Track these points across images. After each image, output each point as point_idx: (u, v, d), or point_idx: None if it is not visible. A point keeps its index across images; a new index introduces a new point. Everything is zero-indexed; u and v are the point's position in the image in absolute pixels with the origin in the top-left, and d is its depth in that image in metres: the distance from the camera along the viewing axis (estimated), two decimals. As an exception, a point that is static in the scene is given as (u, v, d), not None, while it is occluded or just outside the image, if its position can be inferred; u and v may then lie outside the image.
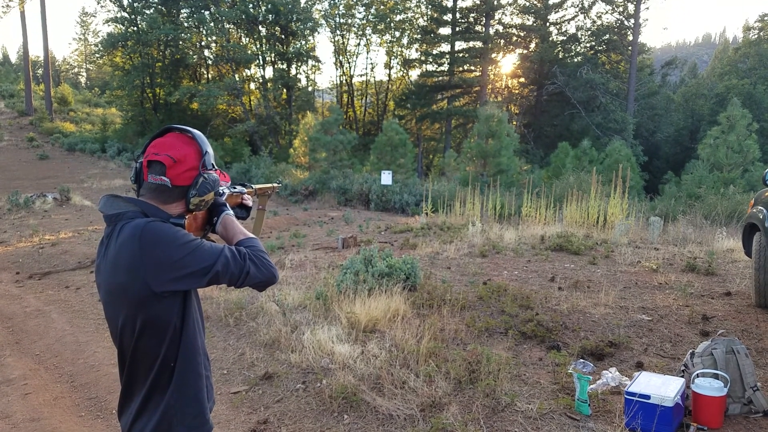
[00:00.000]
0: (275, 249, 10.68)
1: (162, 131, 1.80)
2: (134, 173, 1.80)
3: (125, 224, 1.67)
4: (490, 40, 38.54)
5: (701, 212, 13.79)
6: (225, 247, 1.75)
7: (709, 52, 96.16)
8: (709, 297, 6.48)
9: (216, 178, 1.82)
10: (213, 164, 1.83)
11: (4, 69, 71.32)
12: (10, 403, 4.41)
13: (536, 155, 34.62)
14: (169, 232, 1.65)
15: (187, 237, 1.67)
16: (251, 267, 1.74)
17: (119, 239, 1.66)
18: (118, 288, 1.67)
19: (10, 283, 8.64)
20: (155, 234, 1.63)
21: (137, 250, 1.61)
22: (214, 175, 1.82)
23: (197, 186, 1.76)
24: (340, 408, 3.96)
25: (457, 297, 6.26)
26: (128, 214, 1.69)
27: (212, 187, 1.79)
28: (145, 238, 1.61)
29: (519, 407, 3.79)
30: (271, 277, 1.80)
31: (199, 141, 1.80)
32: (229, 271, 1.70)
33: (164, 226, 1.66)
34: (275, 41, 38.94)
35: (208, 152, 1.80)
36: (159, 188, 1.74)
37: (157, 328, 1.69)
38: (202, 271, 1.66)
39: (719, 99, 35.43)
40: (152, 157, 1.72)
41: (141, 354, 1.71)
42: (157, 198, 1.75)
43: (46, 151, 33.14)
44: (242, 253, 1.76)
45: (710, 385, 3.51)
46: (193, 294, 1.79)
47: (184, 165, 1.74)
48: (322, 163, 25.49)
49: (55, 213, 17.08)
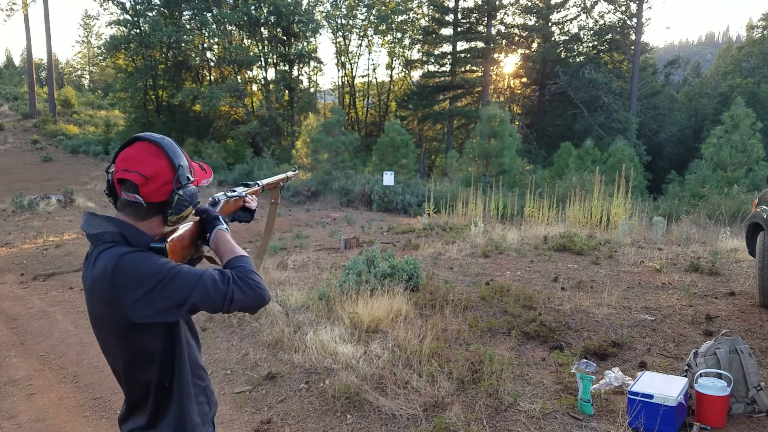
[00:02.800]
0: (278, 250, 10.70)
1: (130, 140, 1.68)
2: (107, 187, 1.72)
3: (100, 252, 1.61)
4: (492, 40, 38.52)
5: (705, 212, 13.76)
6: (206, 272, 1.60)
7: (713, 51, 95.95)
8: (712, 297, 6.47)
9: (193, 191, 1.71)
10: (188, 177, 1.71)
11: (7, 72, 71.51)
12: (15, 404, 4.43)
13: (539, 155, 34.58)
14: (142, 264, 1.56)
15: (162, 268, 1.56)
16: (235, 292, 1.59)
17: (95, 269, 1.60)
18: (99, 316, 1.64)
19: (14, 284, 8.67)
20: (128, 269, 1.55)
21: (110, 287, 1.55)
22: (191, 188, 1.70)
23: (173, 205, 1.66)
24: (343, 408, 3.97)
25: (459, 297, 6.26)
26: (105, 236, 1.63)
27: (190, 202, 1.70)
28: (117, 273, 1.55)
29: (522, 407, 3.79)
30: (259, 300, 1.64)
31: (169, 153, 1.66)
32: (209, 300, 1.57)
33: (137, 258, 1.57)
34: (277, 43, 38.98)
35: (181, 165, 1.68)
36: (133, 206, 1.65)
37: (145, 355, 1.64)
38: (177, 304, 1.56)
39: (723, 98, 35.34)
40: (122, 175, 1.62)
41: (135, 380, 1.69)
42: (133, 215, 1.67)
43: (49, 153, 33.25)
44: (226, 276, 1.61)
45: (713, 384, 3.50)
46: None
47: (157, 182, 1.63)
48: (325, 164, 25.52)
49: (59, 215, 17.13)
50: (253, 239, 12.96)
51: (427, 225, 13.26)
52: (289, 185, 23.79)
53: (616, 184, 12.19)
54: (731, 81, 37.41)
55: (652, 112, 37.40)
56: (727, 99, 32.59)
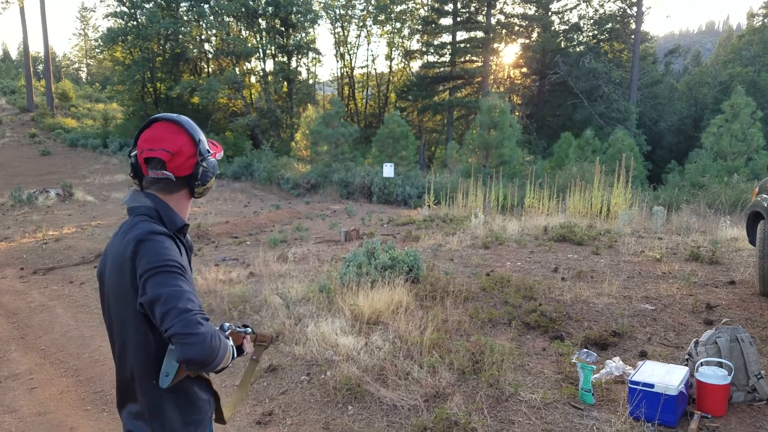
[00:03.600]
0: (278, 242, 10.69)
1: (149, 122, 1.78)
2: (132, 169, 1.81)
3: (135, 223, 1.70)
4: (491, 30, 38.35)
5: (705, 201, 13.74)
6: (185, 295, 1.57)
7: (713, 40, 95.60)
8: (712, 286, 6.47)
9: (214, 163, 1.83)
10: (208, 150, 1.82)
11: (4, 65, 71.31)
12: (16, 398, 4.43)
13: (539, 146, 34.52)
14: (159, 248, 1.62)
15: (165, 256, 1.60)
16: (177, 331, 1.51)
17: (127, 235, 1.68)
18: (116, 283, 1.70)
19: (14, 278, 8.67)
20: (147, 246, 1.62)
21: (133, 252, 1.62)
22: (212, 160, 1.82)
23: (199, 176, 1.78)
24: (345, 399, 3.97)
25: (460, 288, 6.26)
26: (141, 209, 1.73)
27: (213, 173, 1.82)
28: (141, 244, 1.63)
29: (523, 397, 3.80)
30: (187, 356, 1.52)
31: (189, 129, 1.78)
32: (163, 316, 1.53)
33: (158, 243, 1.63)
34: (275, 34, 38.81)
35: (201, 140, 1.79)
36: (162, 182, 1.77)
37: (138, 343, 1.69)
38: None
39: (723, 87, 35.24)
40: (148, 154, 1.72)
41: (128, 367, 1.72)
42: (162, 190, 1.77)
43: (48, 146, 33.19)
44: (193, 322, 1.52)
45: (714, 373, 3.50)
46: None
47: (182, 156, 1.75)
48: (324, 156, 25.48)
49: (58, 209, 17.12)
50: (253, 232, 12.95)
51: (427, 216, 13.25)
52: (288, 178, 23.78)
53: (616, 174, 12.17)
54: (731, 70, 37.30)
55: (652, 101, 37.31)
56: (728, 88, 32.50)
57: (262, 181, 25.33)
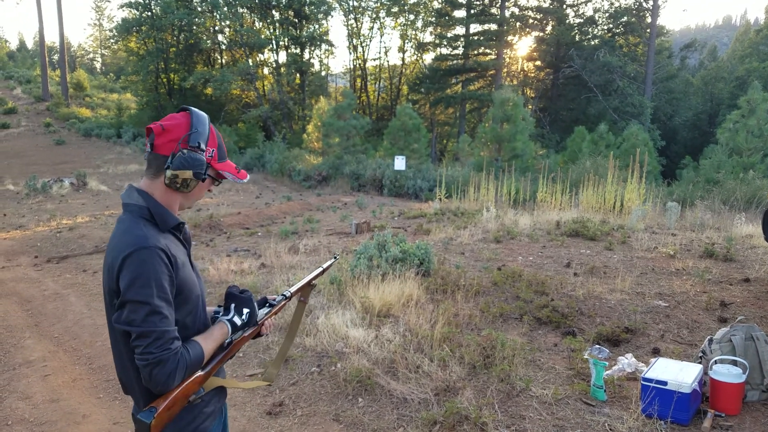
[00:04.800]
0: (289, 234, 10.71)
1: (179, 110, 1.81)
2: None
3: (125, 228, 1.68)
4: (505, 22, 38.05)
5: (719, 197, 13.60)
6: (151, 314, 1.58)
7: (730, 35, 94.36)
8: (727, 283, 6.40)
9: (197, 159, 1.70)
10: (200, 144, 1.73)
11: (20, 55, 71.82)
12: (30, 384, 4.48)
13: (552, 140, 34.28)
14: (144, 269, 1.59)
15: (143, 281, 1.58)
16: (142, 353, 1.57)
17: (120, 241, 1.66)
18: (105, 272, 1.71)
19: (28, 266, 8.75)
20: (135, 263, 1.60)
21: (116, 269, 1.62)
22: (196, 155, 1.71)
23: (173, 159, 1.69)
24: (355, 391, 3.97)
25: (471, 282, 6.24)
26: (131, 207, 1.72)
27: (189, 165, 1.69)
28: (128, 259, 1.60)
29: (534, 392, 3.78)
30: (146, 378, 1.60)
31: (194, 117, 1.75)
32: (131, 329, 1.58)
33: (141, 262, 1.59)
34: (288, 25, 38.77)
35: (198, 130, 1.73)
36: (148, 159, 1.75)
37: (120, 353, 1.72)
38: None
39: (739, 82, 34.77)
40: (150, 125, 1.72)
41: (121, 358, 1.73)
42: (148, 172, 1.75)
43: (62, 136, 33.45)
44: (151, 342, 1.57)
45: (729, 371, 3.47)
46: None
47: (170, 134, 1.71)
48: (336, 148, 25.47)
49: (72, 198, 17.25)
50: (264, 223, 12.98)
51: (438, 210, 13.22)
52: (300, 169, 23.78)
53: (630, 168, 12.07)
54: (748, 65, 36.78)
55: (667, 96, 36.89)
56: (744, 83, 32.07)
57: (274, 172, 25.38)
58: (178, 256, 1.72)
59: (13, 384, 4.50)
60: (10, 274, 8.19)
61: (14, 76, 51.36)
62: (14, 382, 4.53)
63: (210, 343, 1.75)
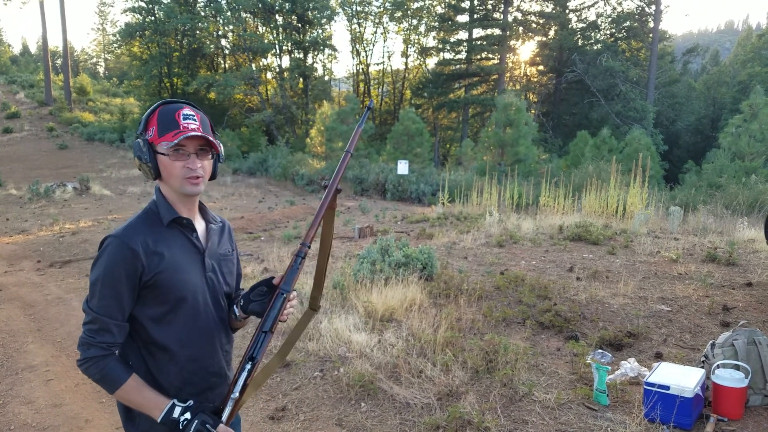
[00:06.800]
0: (292, 238, 10.72)
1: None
2: None
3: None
4: (508, 27, 38.14)
5: (722, 202, 13.56)
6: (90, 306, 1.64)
7: (732, 39, 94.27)
8: (729, 287, 6.39)
9: (137, 144, 1.68)
10: (145, 131, 1.70)
11: (23, 59, 72.16)
12: (33, 389, 4.49)
13: (555, 144, 34.29)
14: (99, 255, 1.66)
15: (98, 266, 1.64)
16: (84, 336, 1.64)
17: None
18: None
19: (31, 271, 8.77)
20: (99, 250, 1.68)
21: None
22: (137, 141, 1.69)
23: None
24: (358, 396, 3.97)
25: (474, 287, 6.24)
26: (150, 202, 1.78)
27: (135, 153, 1.69)
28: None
29: (537, 397, 3.77)
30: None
31: (157, 108, 1.72)
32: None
33: (103, 249, 1.65)
34: (292, 30, 38.92)
35: (143, 119, 1.71)
36: None
37: None
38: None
39: (742, 87, 34.77)
40: None
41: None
42: None
43: (65, 140, 33.55)
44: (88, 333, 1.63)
45: (731, 376, 3.46)
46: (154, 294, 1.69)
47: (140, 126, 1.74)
48: (339, 152, 25.50)
49: (75, 202, 17.30)
50: (267, 227, 12.99)
51: (441, 214, 13.23)
52: (303, 174, 23.80)
53: (632, 173, 12.06)
54: (750, 69, 36.80)
55: (669, 100, 36.90)
56: (746, 88, 32.05)
57: (277, 177, 25.42)
58: (166, 254, 1.68)
59: (15, 389, 4.51)
60: (12, 279, 8.21)
61: (17, 80, 51.55)
62: (17, 387, 4.54)
63: (135, 396, 1.64)
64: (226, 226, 1.98)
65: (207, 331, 1.79)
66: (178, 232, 1.75)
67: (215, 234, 1.88)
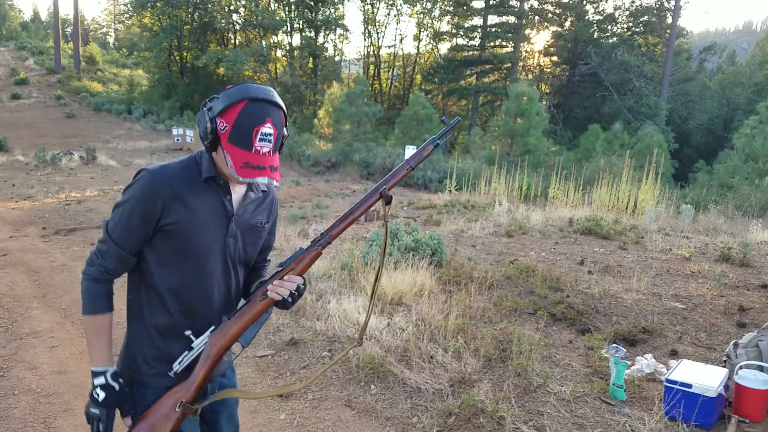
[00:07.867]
0: (298, 218, 10.64)
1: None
2: None
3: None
4: (524, 15, 37.70)
5: (733, 203, 13.43)
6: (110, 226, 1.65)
7: (750, 40, 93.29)
8: (744, 288, 6.29)
9: (203, 120, 1.60)
10: (214, 111, 1.59)
11: (33, 26, 71.72)
12: (37, 355, 4.42)
13: (565, 136, 34.03)
14: (131, 184, 1.64)
15: (126, 193, 1.63)
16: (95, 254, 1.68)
17: None
18: None
19: (36, 237, 8.70)
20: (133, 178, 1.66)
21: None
22: (204, 117, 1.60)
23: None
24: (367, 378, 3.89)
25: (484, 275, 6.14)
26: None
27: (198, 122, 1.65)
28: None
29: (551, 389, 3.69)
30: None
31: (230, 89, 1.61)
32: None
33: (136, 180, 1.63)
34: (304, 8, 38.54)
35: (218, 98, 1.59)
36: None
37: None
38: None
39: (758, 88, 34.38)
40: None
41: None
42: None
43: (73, 109, 33.39)
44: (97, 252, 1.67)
45: (755, 377, 3.37)
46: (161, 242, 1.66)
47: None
48: (346, 135, 25.32)
49: (81, 171, 17.22)
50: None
51: (448, 201, 13.12)
52: (309, 155, 23.61)
53: (644, 169, 11.92)
54: (767, 71, 36.36)
55: (683, 98, 36.54)
56: (763, 89, 31.75)
57: (283, 156, 25.29)
58: (192, 206, 1.63)
59: (20, 353, 4.44)
60: (17, 244, 8.14)
61: (27, 46, 51.18)
62: (21, 352, 4.47)
63: (92, 334, 1.69)
64: (270, 196, 1.88)
65: (204, 295, 1.71)
66: (212, 190, 1.67)
67: (253, 203, 1.78)
